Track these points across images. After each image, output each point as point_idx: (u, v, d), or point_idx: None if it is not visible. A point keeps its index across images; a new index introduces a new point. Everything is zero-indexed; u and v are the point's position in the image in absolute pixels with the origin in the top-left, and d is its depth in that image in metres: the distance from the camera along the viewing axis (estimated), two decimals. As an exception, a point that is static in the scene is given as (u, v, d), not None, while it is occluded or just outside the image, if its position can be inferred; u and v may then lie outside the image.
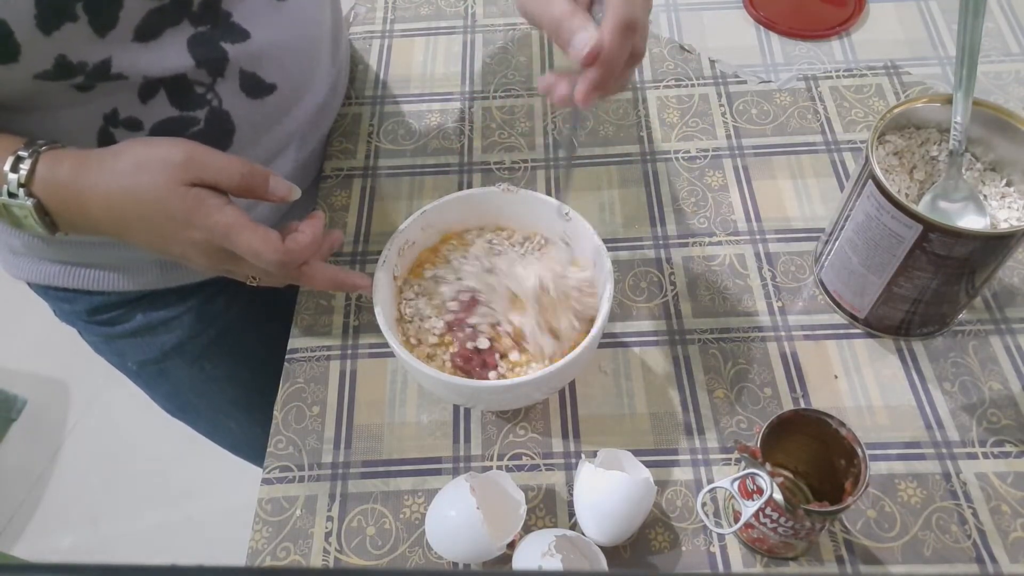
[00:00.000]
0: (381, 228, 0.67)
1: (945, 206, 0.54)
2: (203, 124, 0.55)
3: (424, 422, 0.57)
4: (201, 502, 1.44)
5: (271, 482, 0.55)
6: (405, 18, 0.83)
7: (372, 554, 0.52)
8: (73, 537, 1.43)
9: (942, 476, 0.53)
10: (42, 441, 1.54)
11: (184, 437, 0.89)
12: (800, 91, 0.74)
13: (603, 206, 0.68)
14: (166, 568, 0.19)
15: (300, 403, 0.58)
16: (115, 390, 1.48)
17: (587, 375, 0.58)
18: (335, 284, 0.53)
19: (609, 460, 0.52)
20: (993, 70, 0.74)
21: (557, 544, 0.46)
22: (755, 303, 0.61)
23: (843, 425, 0.46)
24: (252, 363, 0.74)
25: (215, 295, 0.69)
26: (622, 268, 0.64)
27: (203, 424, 0.84)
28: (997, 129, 0.54)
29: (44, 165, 0.46)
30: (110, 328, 0.69)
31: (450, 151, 0.72)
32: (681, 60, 0.77)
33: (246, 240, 0.46)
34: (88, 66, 0.48)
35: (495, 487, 0.51)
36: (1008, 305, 0.60)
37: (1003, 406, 0.55)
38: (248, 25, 0.55)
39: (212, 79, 0.54)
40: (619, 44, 0.44)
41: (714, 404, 0.57)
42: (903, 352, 0.58)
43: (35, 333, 1.37)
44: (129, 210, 0.46)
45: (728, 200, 0.67)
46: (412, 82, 0.78)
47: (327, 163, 0.72)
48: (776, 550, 0.49)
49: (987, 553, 0.50)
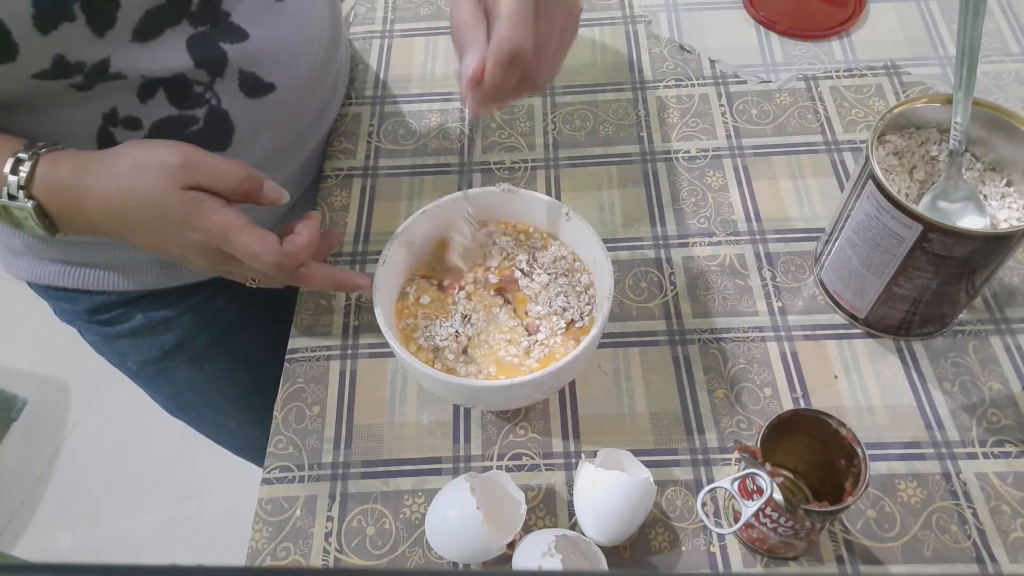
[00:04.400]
0: (381, 228, 0.67)
1: (945, 206, 0.54)
2: (202, 123, 0.55)
3: (424, 422, 0.57)
4: (201, 502, 1.44)
5: (271, 482, 0.55)
6: (405, 18, 0.83)
7: (372, 554, 0.52)
8: (73, 537, 1.43)
9: (942, 476, 0.53)
10: (42, 441, 1.54)
11: (184, 437, 0.89)
12: (800, 91, 0.74)
13: (603, 206, 0.68)
14: (166, 568, 0.19)
15: (300, 403, 0.58)
16: (115, 390, 1.48)
17: (587, 375, 0.58)
18: (334, 284, 0.53)
19: (609, 460, 0.52)
20: (993, 70, 0.74)
21: (557, 544, 0.46)
22: (755, 303, 0.61)
23: (843, 425, 0.46)
24: (252, 363, 0.74)
25: (215, 295, 0.69)
26: (622, 268, 0.64)
27: (203, 424, 0.84)
28: (997, 129, 0.54)
29: (44, 167, 0.46)
30: (110, 328, 0.69)
31: (450, 151, 0.72)
32: (681, 60, 0.77)
33: (244, 242, 0.46)
34: (86, 66, 0.48)
35: (495, 487, 0.51)
36: (1008, 305, 0.60)
37: (1003, 406, 0.55)
38: (247, 25, 0.55)
39: (211, 79, 0.54)
40: (501, 75, 0.43)
41: (714, 404, 0.57)
42: (903, 352, 0.58)
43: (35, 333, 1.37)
44: (128, 212, 0.46)
45: (728, 200, 0.67)
46: (412, 82, 0.78)
47: (327, 163, 0.72)
48: (776, 550, 0.49)
49: (987, 553, 0.50)
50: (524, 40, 0.42)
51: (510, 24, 0.42)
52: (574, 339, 0.54)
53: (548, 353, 0.53)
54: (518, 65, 0.43)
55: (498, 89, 0.44)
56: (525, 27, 0.42)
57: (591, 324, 0.54)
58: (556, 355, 0.53)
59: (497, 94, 0.45)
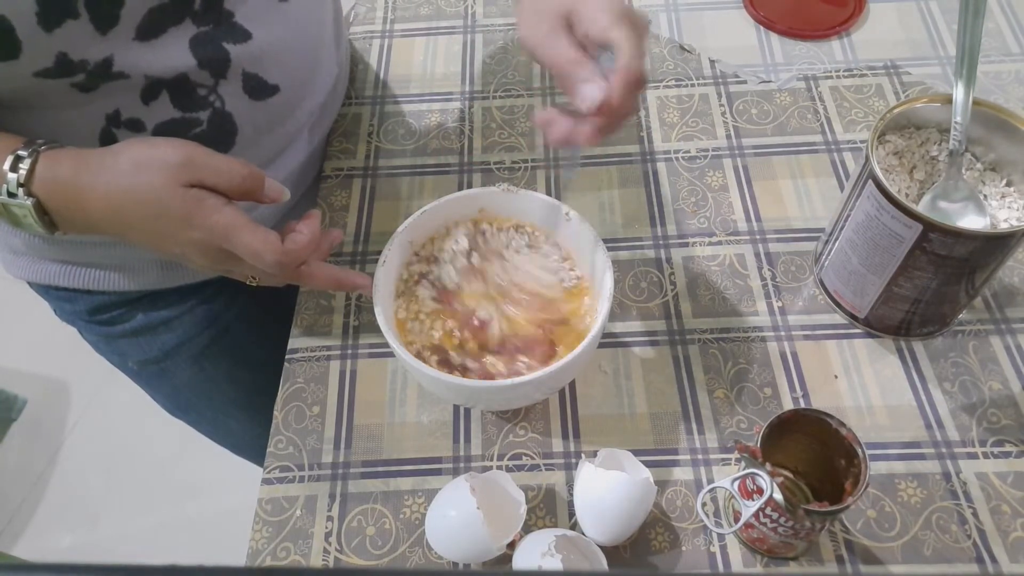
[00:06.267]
0: (381, 228, 0.67)
1: (945, 206, 0.54)
2: (205, 126, 0.55)
3: (424, 422, 0.57)
4: (201, 502, 1.44)
5: (271, 482, 0.55)
6: (405, 18, 0.83)
7: (372, 554, 0.52)
8: (73, 537, 1.43)
9: (942, 476, 0.53)
10: (42, 441, 1.54)
11: (184, 437, 0.89)
12: (800, 91, 0.74)
13: (603, 206, 0.68)
14: (166, 568, 0.19)
15: (300, 403, 0.58)
16: (115, 390, 1.49)
17: (587, 375, 0.58)
18: (335, 284, 0.53)
19: (609, 460, 0.52)
20: (993, 70, 0.74)
21: (557, 544, 0.46)
22: (755, 303, 0.61)
23: (843, 425, 0.46)
24: (252, 363, 0.74)
25: (215, 295, 0.69)
26: (622, 268, 0.64)
27: (203, 424, 0.84)
28: (997, 129, 0.54)
29: (43, 165, 0.46)
30: (110, 328, 0.69)
31: (450, 151, 0.72)
32: (681, 60, 0.77)
33: (245, 241, 0.46)
34: (89, 64, 0.48)
35: (495, 487, 0.51)
36: (1008, 305, 0.60)
37: (1003, 406, 0.55)
38: (250, 25, 0.55)
39: (215, 80, 0.54)
40: (627, 99, 0.46)
41: (714, 404, 0.57)
42: (903, 352, 0.58)
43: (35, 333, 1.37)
44: (128, 210, 0.46)
45: (728, 200, 0.67)
46: (412, 82, 0.78)
47: (327, 163, 0.72)
48: (776, 550, 0.49)
49: (987, 553, 0.50)
50: (643, 67, 0.46)
51: (631, 54, 0.45)
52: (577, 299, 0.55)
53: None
54: (638, 90, 0.46)
55: (623, 113, 0.47)
56: (642, 56, 0.46)
57: (591, 323, 0.54)
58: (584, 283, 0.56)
59: (619, 120, 0.47)
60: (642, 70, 0.46)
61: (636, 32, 0.46)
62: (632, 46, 0.45)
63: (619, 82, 0.45)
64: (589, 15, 0.47)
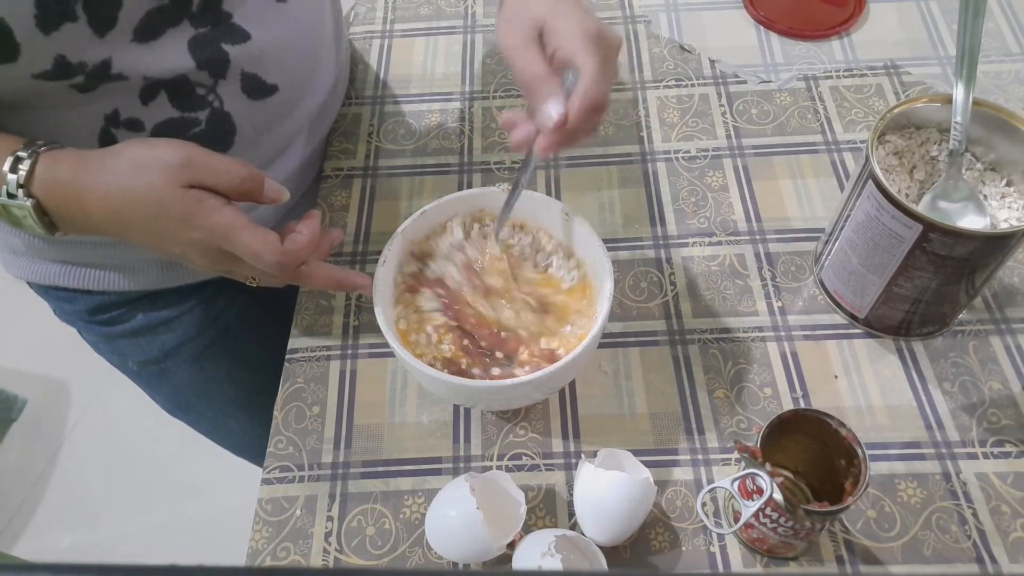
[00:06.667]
0: (381, 228, 0.67)
1: (945, 206, 0.54)
2: (204, 125, 0.55)
3: (424, 422, 0.57)
4: (201, 502, 1.44)
5: (271, 482, 0.55)
6: (405, 18, 0.83)
7: (372, 554, 0.52)
8: (73, 537, 1.43)
9: (942, 476, 0.53)
10: (42, 441, 1.54)
11: (184, 437, 0.89)
12: (800, 91, 0.74)
13: (603, 206, 0.68)
14: (166, 568, 0.19)
15: (300, 403, 0.58)
16: (115, 390, 1.48)
17: (587, 375, 0.58)
18: (335, 284, 0.53)
19: (609, 460, 0.52)
20: (993, 70, 0.74)
21: (557, 544, 0.46)
22: (755, 303, 0.61)
23: (843, 425, 0.46)
24: (252, 363, 0.74)
25: (215, 295, 0.69)
26: (622, 268, 0.64)
27: (203, 424, 0.84)
28: (997, 129, 0.54)
29: (43, 165, 0.46)
30: (110, 328, 0.69)
31: (450, 151, 0.72)
32: (681, 60, 0.77)
33: (245, 241, 0.46)
34: (88, 66, 0.48)
35: (495, 487, 0.51)
36: (1008, 305, 0.60)
37: (1003, 406, 0.55)
38: (249, 26, 0.55)
39: (214, 81, 0.54)
40: (585, 121, 0.47)
41: (714, 404, 0.57)
42: (903, 352, 0.58)
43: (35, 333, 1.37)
44: (128, 210, 0.46)
45: (728, 200, 0.67)
46: (412, 82, 0.78)
47: (327, 163, 0.72)
48: (776, 550, 0.49)
49: (987, 553, 0.50)
50: (604, 95, 0.47)
51: (593, 79, 0.46)
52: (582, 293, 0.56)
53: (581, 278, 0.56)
54: (597, 115, 0.48)
55: (579, 135, 0.49)
56: (606, 84, 0.47)
57: (591, 323, 0.54)
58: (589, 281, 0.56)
59: (573, 138, 0.49)
60: (603, 95, 0.47)
61: (604, 55, 0.47)
62: (595, 71, 0.46)
63: (576, 106, 0.47)
64: (559, 34, 0.48)
